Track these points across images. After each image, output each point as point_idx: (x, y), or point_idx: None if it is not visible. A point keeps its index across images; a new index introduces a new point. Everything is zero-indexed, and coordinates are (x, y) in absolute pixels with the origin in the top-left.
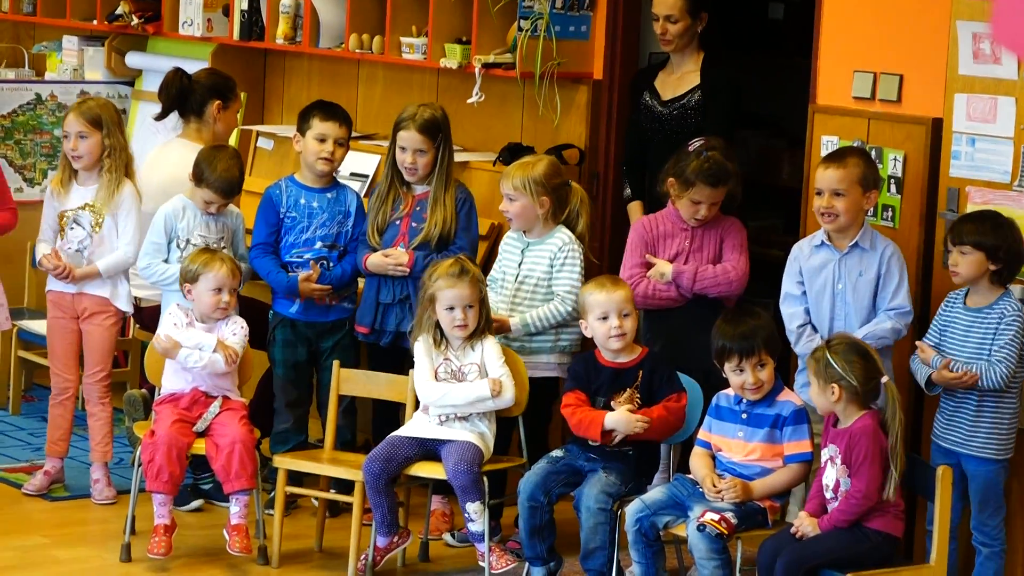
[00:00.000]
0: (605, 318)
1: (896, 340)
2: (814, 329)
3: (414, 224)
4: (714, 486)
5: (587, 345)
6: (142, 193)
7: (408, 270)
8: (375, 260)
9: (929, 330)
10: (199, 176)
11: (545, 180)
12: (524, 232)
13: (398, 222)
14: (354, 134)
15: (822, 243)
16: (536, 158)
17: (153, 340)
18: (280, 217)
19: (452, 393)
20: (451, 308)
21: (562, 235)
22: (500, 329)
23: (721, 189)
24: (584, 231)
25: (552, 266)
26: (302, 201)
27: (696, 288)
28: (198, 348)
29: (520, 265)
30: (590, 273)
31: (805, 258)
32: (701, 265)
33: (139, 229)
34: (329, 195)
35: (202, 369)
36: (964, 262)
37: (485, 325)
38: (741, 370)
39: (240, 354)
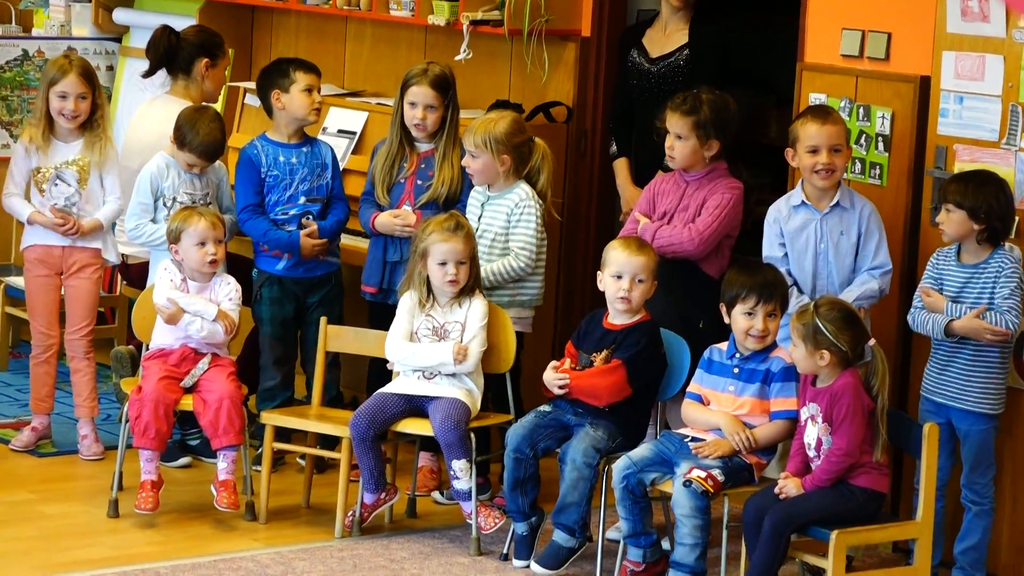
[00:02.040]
0: (619, 277)
1: (882, 297)
2: (800, 290)
3: (419, 182)
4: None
5: (549, 300)
6: (129, 149)
7: (415, 230)
8: (383, 220)
9: (922, 284)
10: (181, 139)
11: (506, 138)
12: (487, 187)
13: (403, 181)
14: (341, 91)
15: (801, 203)
16: (499, 115)
17: (156, 305)
18: (262, 177)
19: (417, 354)
20: (443, 263)
21: (521, 190)
22: None
23: (686, 118)
24: (545, 187)
25: (509, 221)
26: (281, 159)
27: (654, 246)
28: (200, 316)
29: (480, 219)
30: (550, 229)
31: (785, 219)
32: (663, 225)
33: (121, 181)
34: (305, 149)
35: (202, 339)
36: (948, 220)
37: (475, 283)
38: (752, 314)
39: (237, 322)
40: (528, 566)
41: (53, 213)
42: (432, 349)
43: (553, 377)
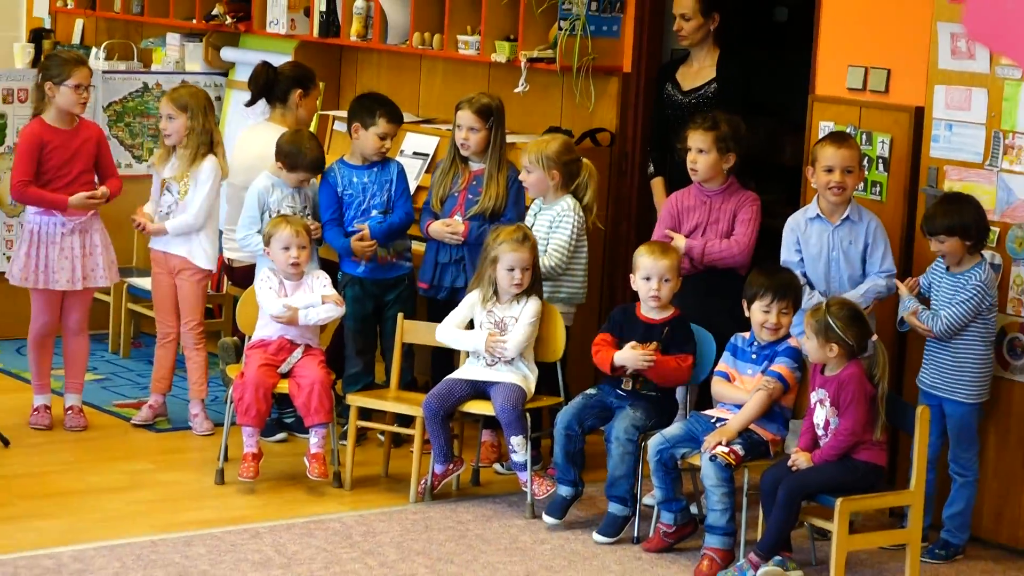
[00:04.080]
0: (648, 279)
1: (889, 295)
2: (811, 286)
3: (470, 196)
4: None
5: (594, 300)
6: (233, 168)
7: (463, 238)
8: (435, 227)
9: (907, 280)
10: (292, 163)
11: (556, 156)
12: (542, 199)
13: (456, 194)
14: (415, 118)
15: (816, 216)
16: (552, 137)
17: (272, 315)
18: (339, 195)
19: (459, 339)
20: (511, 269)
21: (565, 201)
22: None
23: (708, 134)
24: (591, 201)
25: (551, 227)
26: (355, 180)
27: (705, 261)
28: (311, 307)
29: (532, 227)
30: (593, 238)
31: (801, 230)
32: (710, 240)
33: (209, 200)
34: (376, 169)
35: (325, 320)
36: (945, 248)
37: (532, 285)
38: (768, 310)
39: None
40: (557, 524)
41: (139, 212)
42: (469, 335)
43: (640, 355)
